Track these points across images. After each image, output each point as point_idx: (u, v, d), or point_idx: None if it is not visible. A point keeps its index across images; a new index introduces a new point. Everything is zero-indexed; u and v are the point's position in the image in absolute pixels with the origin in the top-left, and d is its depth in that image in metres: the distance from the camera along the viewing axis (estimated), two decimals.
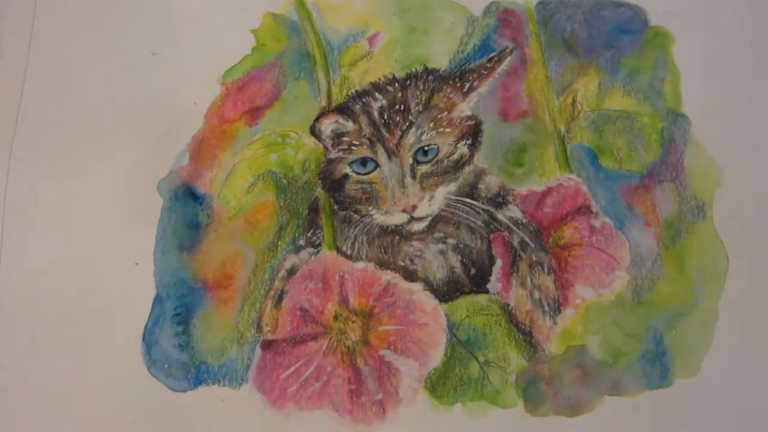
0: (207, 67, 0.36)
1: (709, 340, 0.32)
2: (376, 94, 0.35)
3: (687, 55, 0.36)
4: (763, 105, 0.35)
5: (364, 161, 0.34)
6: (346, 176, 0.34)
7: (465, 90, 0.35)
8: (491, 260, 0.33)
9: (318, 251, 0.34)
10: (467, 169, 0.34)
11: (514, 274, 0.33)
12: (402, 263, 0.33)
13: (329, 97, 0.36)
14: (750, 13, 0.37)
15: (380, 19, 0.37)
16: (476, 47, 0.36)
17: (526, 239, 0.33)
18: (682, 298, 0.32)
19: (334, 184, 0.34)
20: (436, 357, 0.32)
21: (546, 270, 0.33)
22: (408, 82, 0.36)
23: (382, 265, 0.33)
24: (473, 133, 0.35)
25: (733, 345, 0.30)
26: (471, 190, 0.34)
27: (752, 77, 0.36)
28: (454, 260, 0.33)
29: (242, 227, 0.34)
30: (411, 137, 0.34)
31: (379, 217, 0.34)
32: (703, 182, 0.34)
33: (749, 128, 0.35)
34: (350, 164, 0.34)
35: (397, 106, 0.35)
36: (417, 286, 0.33)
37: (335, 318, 0.33)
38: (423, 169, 0.34)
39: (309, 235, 0.34)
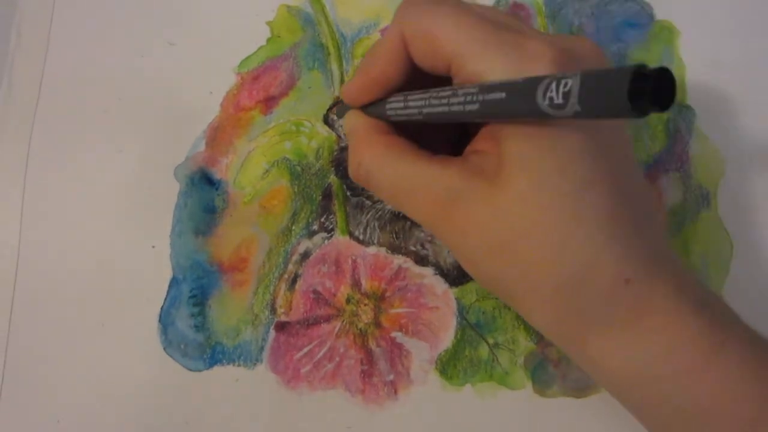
0: (223, 57, 0.37)
1: None
2: None
3: (692, 48, 0.37)
4: (765, 97, 0.36)
5: None
6: None
7: None
8: None
9: (331, 236, 0.34)
10: None
11: None
12: (413, 248, 0.34)
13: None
14: (753, 7, 0.38)
15: (392, 11, 0.37)
16: None
17: None
18: None
19: (347, 171, 0.35)
20: (447, 339, 0.33)
21: None
22: None
23: (394, 249, 0.34)
24: None
25: None
26: None
27: (755, 70, 0.37)
28: None
29: (257, 212, 0.35)
30: None
31: None
32: (708, 172, 0.35)
33: (752, 119, 0.36)
34: None
35: None
36: (428, 270, 0.34)
37: (348, 301, 0.33)
38: None
39: (322, 220, 0.35)
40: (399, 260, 0.34)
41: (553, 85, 0.18)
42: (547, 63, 0.22)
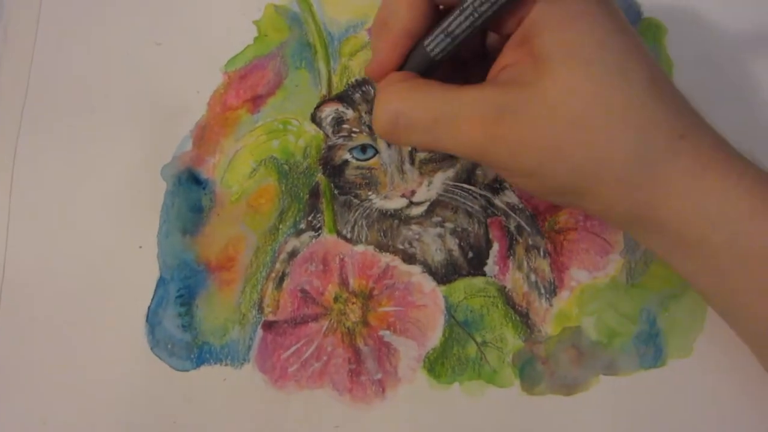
0: (210, 56, 0.37)
1: (701, 322, 0.32)
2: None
3: (679, 45, 0.37)
4: (752, 93, 0.36)
5: (363, 148, 0.35)
6: (346, 162, 0.35)
7: None
8: (488, 244, 0.34)
9: (319, 235, 0.34)
10: None
11: (511, 257, 0.34)
12: (401, 246, 0.34)
13: (330, 85, 0.36)
14: (740, 4, 0.38)
15: None
16: None
17: (523, 224, 0.34)
18: (675, 281, 0.33)
19: (335, 170, 0.35)
20: (435, 337, 0.33)
21: (542, 253, 0.34)
22: None
23: (382, 248, 0.34)
24: None
25: (725, 326, 0.31)
26: (469, 176, 0.35)
27: (742, 67, 0.37)
28: (452, 244, 0.34)
29: (244, 211, 0.35)
30: None
31: (378, 202, 0.34)
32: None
33: (739, 116, 0.36)
34: (350, 150, 0.35)
35: None
36: (416, 269, 0.34)
37: (335, 299, 0.33)
38: (421, 155, 0.35)
39: (310, 219, 0.35)
40: (387, 258, 0.34)
41: None
42: None
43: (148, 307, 0.33)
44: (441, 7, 0.27)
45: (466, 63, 0.28)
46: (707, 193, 0.23)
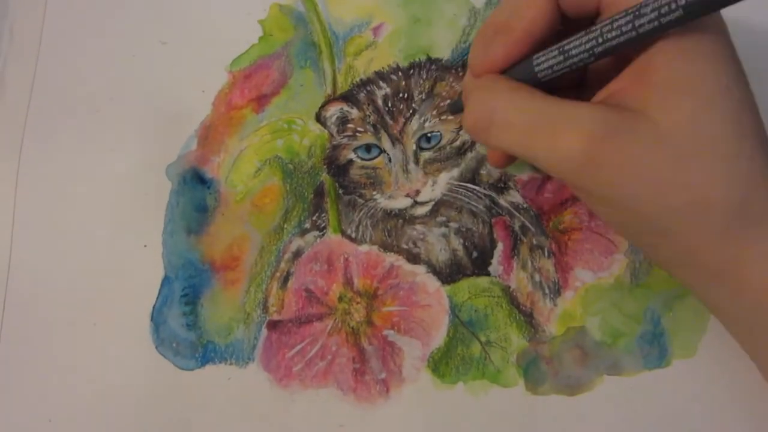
0: (215, 56, 0.37)
1: (705, 322, 0.32)
2: (381, 83, 0.36)
3: None
4: (755, 94, 0.36)
5: (368, 147, 0.35)
6: (350, 162, 0.35)
7: None
8: (493, 244, 0.34)
9: (323, 234, 0.34)
10: (469, 155, 0.35)
11: (515, 257, 0.34)
12: (405, 246, 0.34)
13: (334, 85, 0.36)
14: (744, 5, 0.37)
15: (384, 10, 0.38)
16: None
17: (527, 223, 0.34)
18: (679, 282, 0.33)
19: (339, 170, 0.35)
20: (439, 337, 0.33)
21: (546, 253, 0.34)
22: (411, 71, 0.36)
23: (386, 247, 0.34)
24: None
25: None
26: (473, 176, 0.35)
27: (746, 66, 0.37)
28: (457, 243, 0.34)
29: (249, 210, 0.35)
30: (414, 124, 0.35)
31: (383, 202, 0.34)
32: None
33: None
34: (355, 150, 0.35)
35: (400, 95, 0.36)
36: (420, 269, 0.34)
37: (340, 299, 0.33)
38: (426, 155, 0.35)
39: (314, 218, 0.35)
40: (391, 258, 0.34)
41: None
42: None
43: (153, 306, 0.33)
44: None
45: (559, 89, 0.26)
46: None
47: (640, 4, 0.22)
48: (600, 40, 0.23)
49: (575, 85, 0.29)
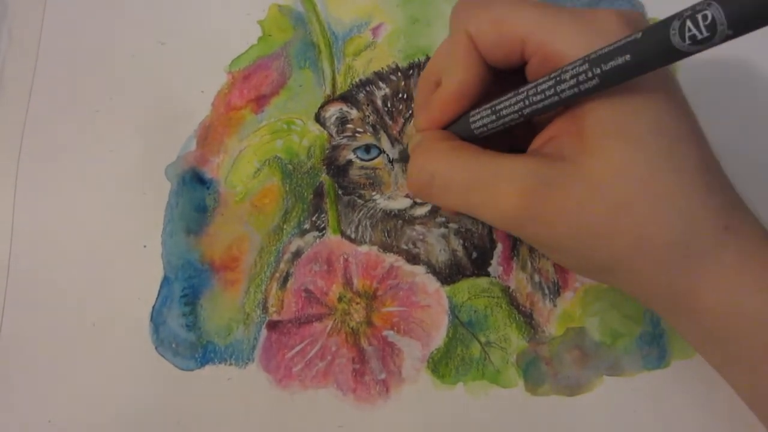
0: (214, 56, 0.37)
1: None
2: (380, 83, 0.36)
3: None
4: (756, 92, 0.36)
5: (367, 148, 0.35)
6: (350, 162, 0.35)
7: None
8: (492, 244, 0.34)
9: (323, 235, 0.34)
10: None
11: (515, 257, 0.34)
12: (405, 247, 0.34)
13: (334, 85, 0.36)
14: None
15: (384, 10, 0.38)
16: None
17: None
18: None
19: (339, 170, 0.35)
20: (439, 338, 0.33)
21: None
22: (411, 71, 0.36)
23: (386, 248, 0.34)
24: None
25: None
26: None
27: (748, 67, 0.37)
28: (456, 244, 0.34)
29: (248, 211, 0.35)
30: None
31: (382, 202, 0.34)
32: None
33: (743, 115, 0.36)
34: (354, 150, 0.35)
35: (400, 95, 0.36)
36: (420, 269, 0.34)
37: (339, 299, 0.33)
38: None
39: (314, 219, 0.35)
40: (391, 259, 0.34)
41: (689, 23, 0.18)
42: (622, 25, 0.23)
43: (153, 307, 0.33)
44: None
45: (509, 130, 0.27)
46: (748, 289, 0.23)
47: (560, 69, 0.22)
48: (527, 102, 0.24)
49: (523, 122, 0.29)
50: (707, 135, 0.24)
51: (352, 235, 0.34)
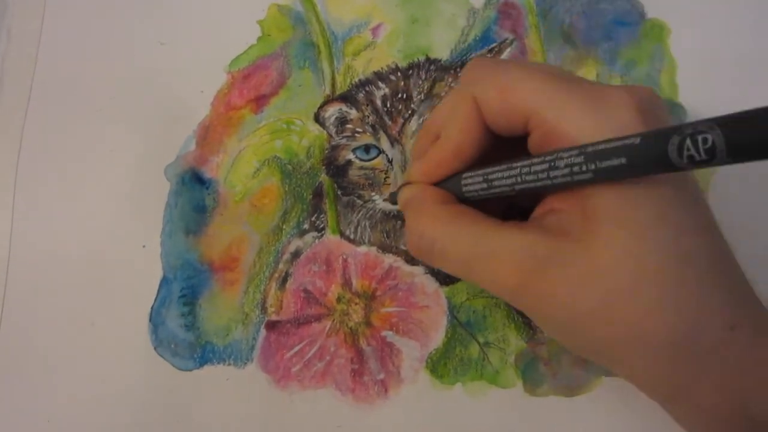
0: (213, 56, 0.37)
1: None
2: (379, 83, 0.36)
3: (683, 46, 0.37)
4: (755, 94, 0.36)
5: (367, 148, 0.35)
6: (349, 162, 0.35)
7: None
8: None
9: (322, 235, 0.34)
10: None
11: None
12: (404, 247, 0.34)
13: (333, 85, 0.36)
14: (745, 4, 0.37)
15: (383, 10, 0.38)
16: (477, 38, 0.37)
17: None
18: None
19: (338, 170, 0.35)
20: (437, 338, 0.33)
21: None
22: (410, 71, 0.36)
23: (385, 249, 0.34)
24: None
25: None
26: None
27: (747, 68, 0.37)
28: None
29: (248, 211, 0.35)
30: (413, 125, 0.35)
31: (381, 203, 0.34)
32: (700, 171, 0.35)
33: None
34: (354, 151, 0.35)
35: (399, 95, 0.36)
36: (418, 270, 0.34)
37: (338, 300, 0.33)
38: None
39: (313, 219, 0.35)
40: (390, 259, 0.34)
41: (689, 143, 0.18)
42: (633, 111, 0.22)
43: (152, 307, 0.33)
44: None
45: None
46: (753, 392, 0.22)
47: (556, 154, 0.22)
48: (519, 179, 0.23)
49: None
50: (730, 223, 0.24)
51: (351, 236, 0.34)
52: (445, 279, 0.34)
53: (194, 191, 0.35)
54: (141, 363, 0.33)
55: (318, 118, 0.36)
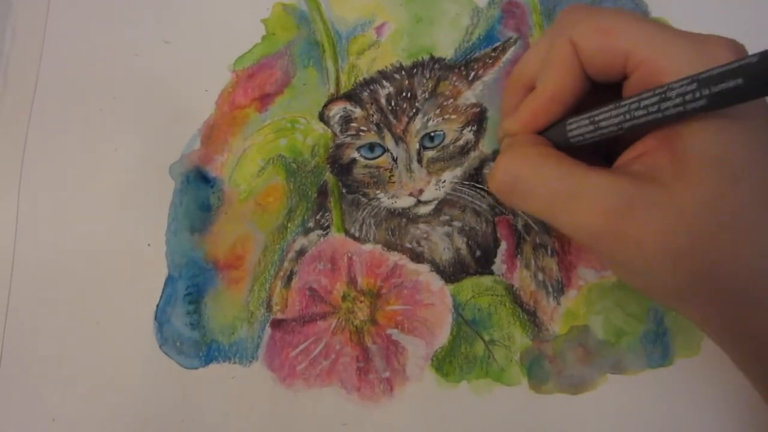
0: (218, 55, 0.37)
1: None
2: (384, 82, 0.36)
3: None
4: None
5: (371, 146, 0.35)
6: (354, 161, 0.35)
7: (470, 78, 0.36)
8: (496, 242, 0.34)
9: (327, 233, 0.34)
10: (473, 154, 0.35)
11: (519, 256, 0.34)
12: (409, 245, 0.34)
13: (338, 84, 0.36)
14: (748, 3, 0.38)
15: (387, 9, 0.38)
16: (481, 37, 0.37)
17: (530, 222, 0.34)
18: None
19: (343, 169, 0.35)
20: (443, 336, 0.33)
21: (549, 252, 0.34)
22: (414, 70, 0.36)
23: (390, 246, 0.34)
24: (478, 120, 0.36)
25: None
26: (476, 175, 0.35)
27: None
28: (460, 242, 0.34)
29: (252, 210, 0.35)
30: (418, 123, 0.35)
31: (386, 201, 0.35)
32: None
33: None
34: (358, 149, 0.35)
35: (404, 94, 0.36)
36: (424, 267, 0.34)
37: (343, 298, 0.33)
38: (429, 154, 0.35)
39: (318, 217, 0.35)
40: (395, 257, 0.34)
41: None
42: (731, 49, 0.22)
43: (157, 305, 0.33)
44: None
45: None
46: None
47: (666, 86, 0.22)
48: (627, 116, 0.23)
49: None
50: None
51: (356, 234, 0.34)
52: (450, 277, 0.34)
53: (199, 190, 0.35)
54: (146, 361, 0.33)
55: (322, 117, 0.36)
